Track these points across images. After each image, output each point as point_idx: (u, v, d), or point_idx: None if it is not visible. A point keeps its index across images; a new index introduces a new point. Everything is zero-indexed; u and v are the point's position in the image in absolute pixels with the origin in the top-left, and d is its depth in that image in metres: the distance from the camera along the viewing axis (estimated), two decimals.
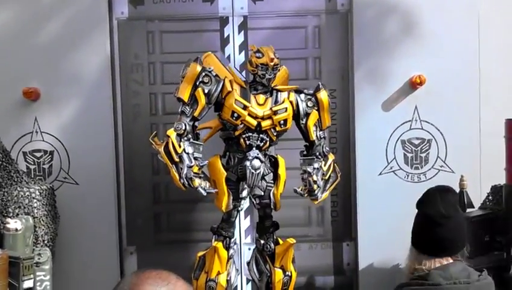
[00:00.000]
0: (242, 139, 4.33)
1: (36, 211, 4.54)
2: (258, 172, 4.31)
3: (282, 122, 4.35)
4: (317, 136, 4.47)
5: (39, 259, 4.28)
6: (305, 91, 4.51)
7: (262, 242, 4.55)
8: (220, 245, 4.36)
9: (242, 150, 4.37)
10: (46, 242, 4.58)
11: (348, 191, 5.45)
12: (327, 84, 5.44)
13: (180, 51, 5.37)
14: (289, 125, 4.42)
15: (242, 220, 5.37)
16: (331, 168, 4.50)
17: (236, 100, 4.27)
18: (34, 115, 5.16)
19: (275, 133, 4.38)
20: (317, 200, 4.42)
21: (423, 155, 5.31)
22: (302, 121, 4.46)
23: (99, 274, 5.11)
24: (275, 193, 4.45)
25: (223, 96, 4.31)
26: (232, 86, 4.32)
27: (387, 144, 5.28)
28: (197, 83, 4.23)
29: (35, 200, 4.55)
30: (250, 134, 4.32)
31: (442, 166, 5.29)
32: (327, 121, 4.51)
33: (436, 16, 5.25)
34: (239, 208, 4.51)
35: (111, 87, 5.25)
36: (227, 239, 4.48)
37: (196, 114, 4.24)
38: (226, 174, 4.34)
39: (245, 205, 5.11)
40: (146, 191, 5.43)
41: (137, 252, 5.44)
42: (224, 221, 4.49)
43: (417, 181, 5.29)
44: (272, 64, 4.26)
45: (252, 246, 5.13)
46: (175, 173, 4.06)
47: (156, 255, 5.47)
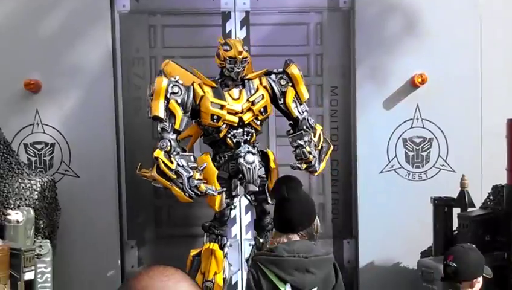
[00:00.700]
0: (228, 138, 4.30)
1: (37, 203, 4.53)
2: (254, 165, 4.27)
3: (262, 110, 4.33)
4: (299, 111, 4.43)
5: (40, 251, 4.29)
6: (274, 71, 4.48)
7: (261, 241, 4.51)
8: (216, 247, 4.34)
9: (231, 149, 4.33)
10: (47, 234, 4.58)
11: (349, 189, 5.47)
12: (329, 81, 5.51)
13: (181, 46, 5.37)
14: (269, 110, 4.40)
15: (243, 216, 5.37)
16: (322, 138, 4.48)
17: (212, 103, 4.22)
18: (35, 107, 5.14)
19: (258, 122, 4.36)
20: (316, 171, 4.39)
21: (424, 154, 5.32)
22: (280, 101, 4.43)
23: (100, 267, 5.11)
24: (270, 187, 4.38)
25: (197, 102, 4.25)
26: (203, 89, 4.27)
27: (388, 142, 5.29)
28: (168, 96, 4.15)
29: (36, 192, 4.54)
30: (234, 131, 4.30)
31: (443, 165, 5.30)
32: (305, 94, 4.46)
33: (438, 15, 5.26)
34: (232, 206, 4.47)
35: (112, 80, 5.23)
36: (219, 237, 4.45)
37: (177, 126, 4.15)
38: (217, 172, 4.29)
39: (242, 203, 5.10)
40: (147, 184, 5.37)
41: (138, 246, 5.43)
42: (216, 219, 4.45)
43: (418, 180, 5.30)
44: (241, 57, 4.21)
45: (252, 242, 5.13)
46: (177, 190, 3.98)
47: (157, 249, 5.47)
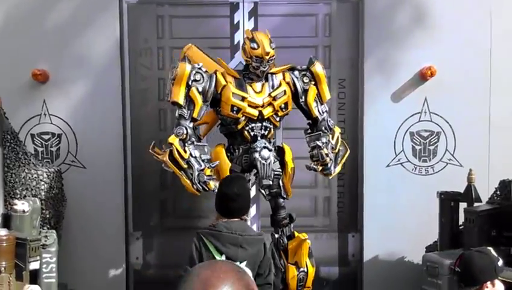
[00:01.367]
0: (246, 131, 4.26)
1: (43, 194, 4.55)
2: (269, 161, 4.25)
3: (283, 106, 4.28)
4: (319, 111, 4.37)
5: (46, 241, 4.30)
6: (298, 67, 4.41)
7: (276, 236, 4.48)
8: None
9: (247, 142, 4.30)
10: (53, 225, 4.60)
11: (355, 182, 5.44)
12: (337, 73, 5.46)
13: (189, 37, 5.33)
14: (290, 107, 4.35)
15: None
16: (339, 140, 4.41)
17: (233, 93, 4.17)
18: (43, 97, 5.16)
19: (278, 118, 4.32)
20: (331, 174, 4.32)
21: (431, 148, 5.28)
22: (302, 99, 4.35)
23: (104, 258, 5.14)
24: (285, 181, 4.37)
25: (219, 91, 4.21)
26: (226, 79, 4.22)
27: (395, 136, 5.25)
28: (189, 83, 4.12)
29: (42, 182, 4.56)
30: (253, 125, 4.26)
31: (450, 159, 5.26)
32: (327, 94, 4.39)
33: (448, 7, 5.20)
34: None
35: (120, 71, 5.23)
36: None
37: (195, 115, 4.13)
38: (231, 165, 4.28)
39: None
40: (153, 176, 5.43)
41: (143, 237, 5.45)
42: None
43: (425, 174, 5.27)
44: (268, 57, 4.14)
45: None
46: (186, 180, 3.98)
47: (162, 240, 5.49)
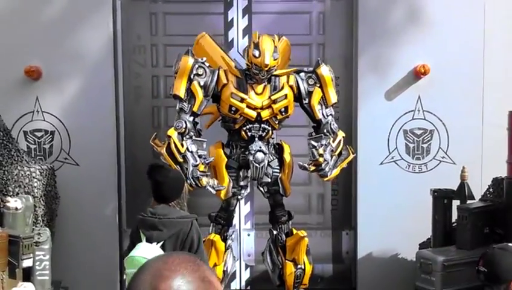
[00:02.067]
0: (243, 131, 4.26)
1: (36, 191, 4.53)
2: (262, 165, 4.24)
3: (282, 110, 4.25)
4: (323, 114, 4.31)
5: (39, 238, 4.28)
6: (304, 69, 4.39)
7: (274, 233, 4.49)
8: (218, 238, 4.32)
9: (245, 140, 4.30)
10: (46, 222, 4.58)
11: (349, 180, 5.45)
12: None
13: (183, 34, 5.33)
14: (290, 111, 4.32)
15: (242, 206, 5.35)
16: (341, 144, 4.35)
17: (232, 93, 4.16)
18: (36, 94, 5.12)
19: (277, 121, 4.30)
20: (326, 176, 4.25)
21: (425, 146, 5.29)
22: (305, 101, 4.32)
23: (98, 255, 5.11)
24: (283, 179, 4.36)
25: (219, 88, 4.20)
26: (228, 78, 4.21)
27: (389, 134, 5.26)
28: (192, 77, 4.12)
29: (35, 179, 4.54)
30: (251, 125, 4.25)
31: (443, 157, 5.28)
32: (332, 98, 4.33)
33: (441, 5, 5.21)
34: (239, 197, 4.44)
35: (113, 68, 5.20)
36: (225, 228, 4.44)
37: (195, 109, 4.13)
38: (227, 161, 4.29)
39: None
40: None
41: None
42: (223, 209, 4.44)
43: (418, 172, 5.28)
44: (266, 69, 4.11)
45: (251, 232, 5.13)
46: (181, 173, 3.95)
47: None
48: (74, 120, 5.15)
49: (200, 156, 4.07)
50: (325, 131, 4.29)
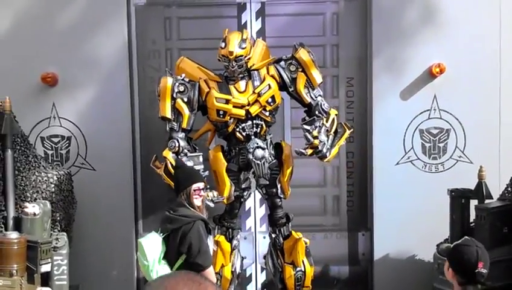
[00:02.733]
0: (237, 132, 4.28)
1: (54, 196, 4.58)
2: (264, 161, 4.24)
3: (270, 100, 4.26)
4: (311, 97, 4.33)
5: (57, 243, 4.34)
6: (283, 57, 4.39)
7: (273, 236, 4.49)
8: (222, 238, 4.34)
9: (243, 142, 4.31)
10: (63, 227, 4.63)
11: (364, 180, 5.42)
12: (345, 72, 5.45)
13: (197, 37, 5.36)
14: (278, 100, 4.33)
15: (257, 208, 5.36)
16: (335, 122, 4.35)
17: (216, 98, 4.21)
18: (52, 100, 5.19)
19: (267, 113, 4.30)
20: (325, 157, 4.25)
21: (441, 145, 5.24)
22: (291, 88, 4.34)
23: (115, 259, 5.16)
24: (282, 180, 4.35)
25: (203, 98, 4.26)
26: (209, 85, 4.26)
27: (405, 134, 5.22)
28: (174, 95, 4.20)
29: (52, 185, 4.60)
30: (243, 124, 4.27)
31: (460, 156, 5.22)
32: (317, 78, 4.34)
33: (457, 4, 5.16)
34: (242, 199, 4.45)
35: (128, 73, 5.25)
36: (229, 230, 4.46)
37: (184, 125, 4.21)
38: (227, 164, 4.30)
39: (256, 196, 5.09)
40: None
41: None
42: (226, 212, 4.46)
43: (435, 171, 5.23)
44: (232, 57, 4.13)
45: (267, 235, 5.12)
46: None
47: None
48: (90, 125, 5.20)
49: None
50: (317, 112, 4.30)
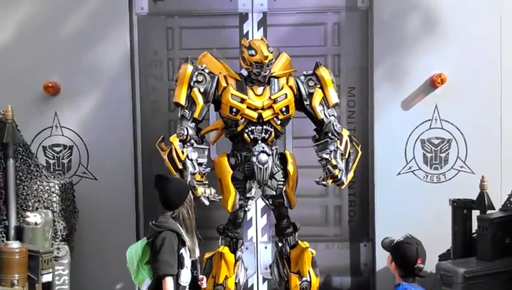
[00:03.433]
0: (245, 133, 4.27)
1: (55, 206, 4.58)
2: (266, 166, 4.22)
3: (283, 109, 4.27)
4: (325, 114, 4.33)
5: (58, 253, 4.33)
6: (304, 72, 4.41)
7: (280, 245, 4.48)
8: (226, 250, 4.32)
9: (248, 148, 4.30)
10: (65, 237, 4.62)
11: (366, 191, 5.42)
12: (346, 81, 5.46)
13: (199, 47, 5.35)
14: (292, 111, 4.34)
15: (259, 218, 5.36)
16: (348, 144, 4.35)
17: (232, 95, 4.22)
18: (54, 110, 5.20)
19: (279, 122, 4.30)
20: (343, 184, 4.27)
21: (443, 155, 5.25)
22: (306, 102, 4.35)
23: (117, 269, 5.10)
24: (287, 191, 4.36)
25: (219, 93, 4.26)
26: (227, 81, 4.27)
27: (406, 144, 5.23)
28: (191, 84, 4.21)
29: (54, 194, 4.59)
30: (253, 127, 4.26)
31: (462, 167, 5.22)
32: (333, 98, 4.35)
33: (458, 14, 5.18)
34: (246, 209, 4.44)
35: (130, 82, 5.27)
36: (233, 240, 4.44)
37: (196, 115, 4.21)
38: (233, 172, 4.29)
39: (258, 205, 5.09)
40: None
41: None
42: (230, 222, 4.44)
43: (436, 182, 5.23)
44: (267, 61, 4.16)
45: (268, 245, 5.11)
46: None
47: None
48: (92, 135, 5.21)
49: (200, 164, 4.12)
50: (330, 134, 4.29)
